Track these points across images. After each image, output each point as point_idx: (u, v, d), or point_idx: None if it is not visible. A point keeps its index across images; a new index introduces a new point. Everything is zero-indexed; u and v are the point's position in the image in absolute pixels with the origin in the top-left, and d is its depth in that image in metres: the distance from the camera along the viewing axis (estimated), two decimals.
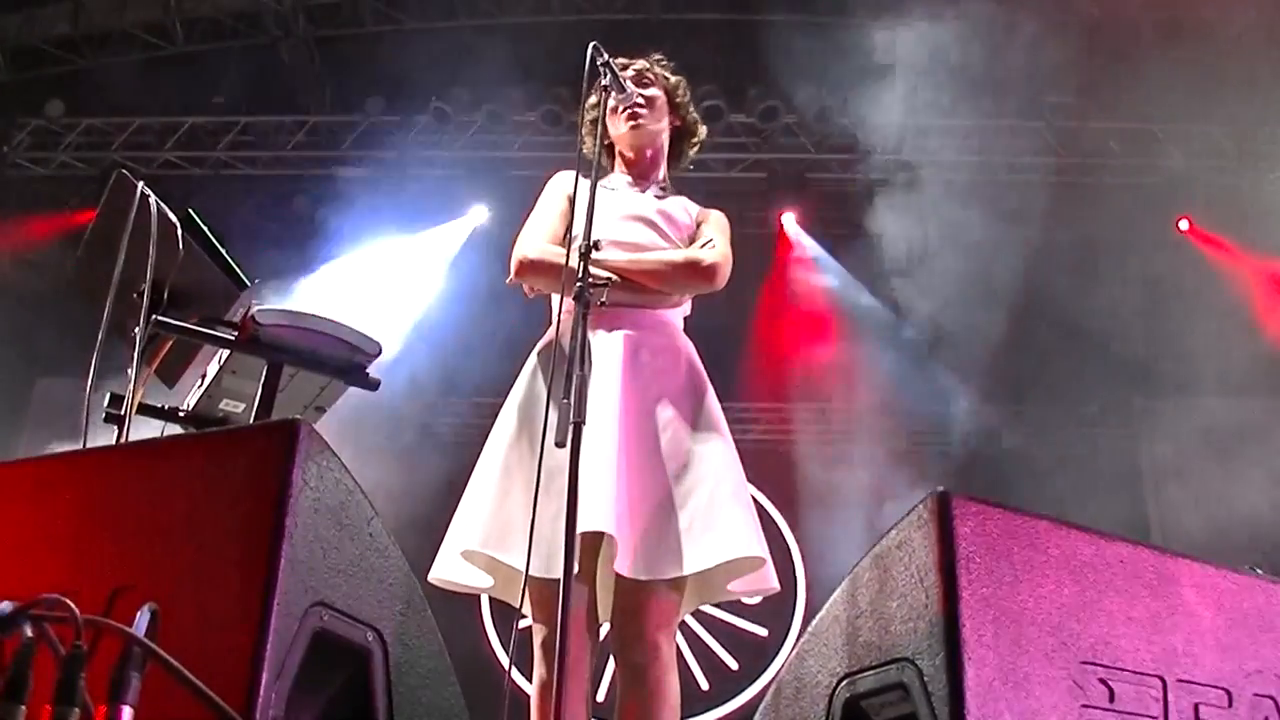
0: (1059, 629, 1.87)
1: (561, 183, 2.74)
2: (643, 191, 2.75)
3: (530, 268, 2.57)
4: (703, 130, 2.91)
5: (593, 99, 2.64)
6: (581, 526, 2.11)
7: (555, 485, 2.15)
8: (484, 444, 2.48)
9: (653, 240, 2.62)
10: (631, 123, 2.71)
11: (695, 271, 2.57)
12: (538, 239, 2.60)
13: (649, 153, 2.80)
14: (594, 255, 2.24)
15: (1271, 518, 7.05)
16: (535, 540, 2.07)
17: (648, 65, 2.81)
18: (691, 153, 2.91)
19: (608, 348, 2.43)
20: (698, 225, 2.73)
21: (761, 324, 8.46)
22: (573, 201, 2.58)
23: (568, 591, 1.90)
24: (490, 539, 2.32)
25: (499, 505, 2.35)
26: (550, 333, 2.57)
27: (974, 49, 7.57)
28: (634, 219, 2.64)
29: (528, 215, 2.74)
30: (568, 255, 2.23)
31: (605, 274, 2.42)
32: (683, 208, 2.75)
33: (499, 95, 8.20)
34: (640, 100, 2.70)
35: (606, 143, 2.78)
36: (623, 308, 2.49)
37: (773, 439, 8.89)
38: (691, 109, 2.88)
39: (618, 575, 2.28)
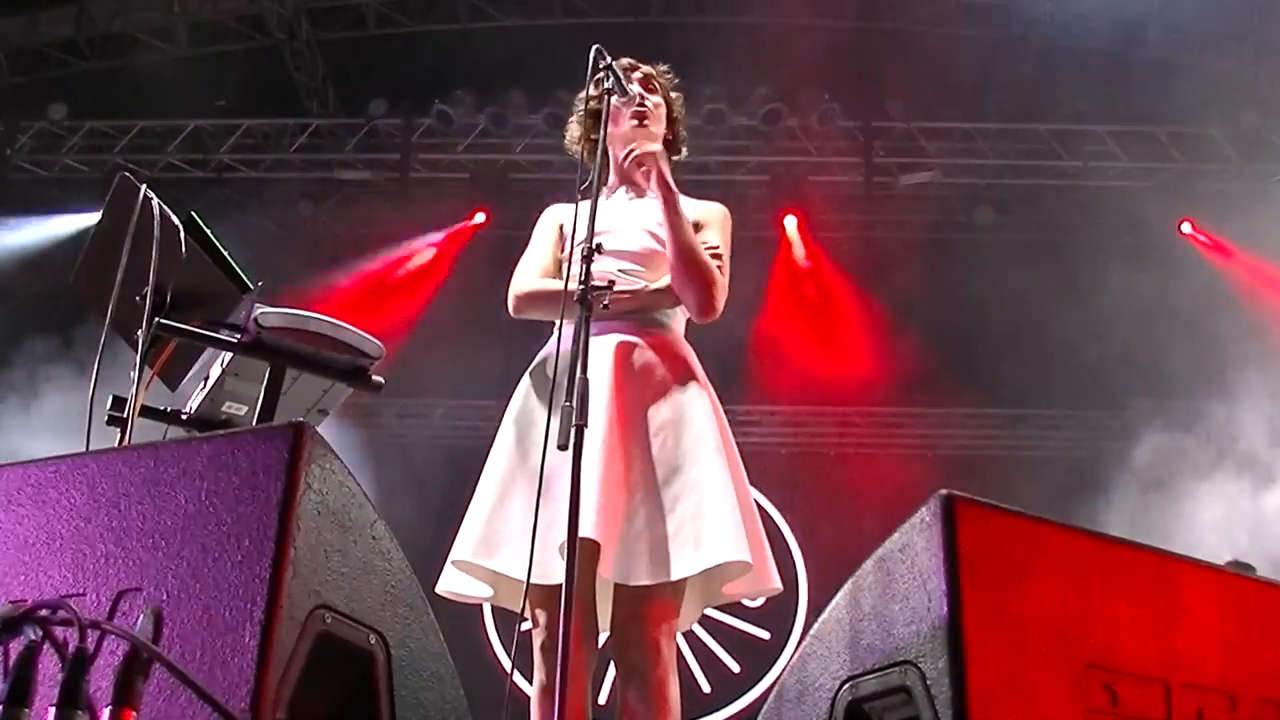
0: (1062, 632, 1.87)
1: (553, 214, 2.76)
2: (640, 197, 2.72)
3: (526, 300, 2.60)
4: (684, 151, 2.90)
5: (593, 91, 2.64)
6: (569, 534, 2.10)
7: (550, 492, 2.16)
8: (485, 447, 2.49)
9: (651, 247, 2.61)
10: (636, 121, 2.71)
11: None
12: (531, 274, 2.63)
13: None
14: (594, 279, 2.23)
15: (1271, 518, 7.05)
16: (530, 546, 2.08)
17: (655, 72, 2.81)
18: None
19: (599, 354, 2.42)
20: (695, 229, 2.70)
21: (763, 327, 8.46)
22: (563, 228, 2.60)
23: (570, 595, 1.90)
24: (481, 549, 2.33)
25: (492, 515, 2.37)
26: (548, 347, 2.57)
27: (977, 52, 7.58)
28: (633, 226, 2.64)
29: (529, 216, 2.75)
30: (566, 278, 2.24)
31: (605, 281, 2.41)
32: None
33: (501, 98, 8.22)
34: (649, 103, 2.71)
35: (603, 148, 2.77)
36: (615, 316, 2.49)
37: (775, 442, 8.89)
38: (682, 128, 2.87)
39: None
